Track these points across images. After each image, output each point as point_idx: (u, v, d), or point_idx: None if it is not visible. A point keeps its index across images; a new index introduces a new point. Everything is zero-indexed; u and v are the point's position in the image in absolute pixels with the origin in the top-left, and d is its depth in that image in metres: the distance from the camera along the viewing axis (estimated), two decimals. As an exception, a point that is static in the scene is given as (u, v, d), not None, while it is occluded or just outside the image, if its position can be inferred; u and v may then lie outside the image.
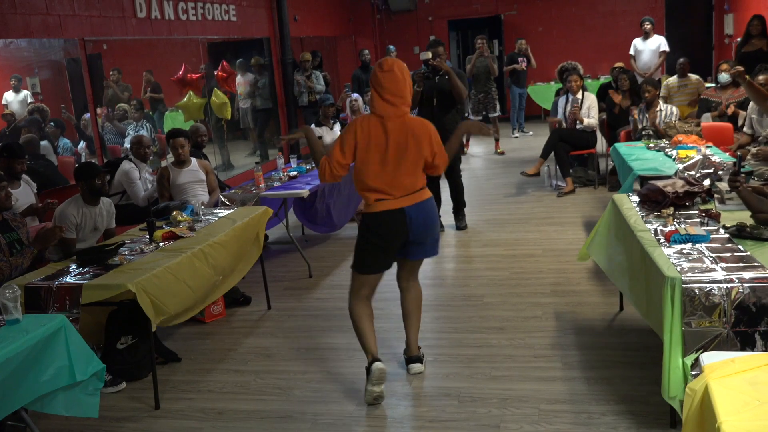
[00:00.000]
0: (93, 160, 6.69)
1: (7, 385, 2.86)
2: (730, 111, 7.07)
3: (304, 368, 4.13)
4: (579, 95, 7.99)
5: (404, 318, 3.91)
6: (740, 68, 5.03)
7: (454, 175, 6.77)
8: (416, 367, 3.88)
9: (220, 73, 9.35)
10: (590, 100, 8.02)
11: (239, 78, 10.05)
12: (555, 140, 7.93)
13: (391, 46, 12.02)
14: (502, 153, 10.81)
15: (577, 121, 7.92)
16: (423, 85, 6.28)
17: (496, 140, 11.03)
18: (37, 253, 4.15)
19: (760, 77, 5.94)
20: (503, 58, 12.64)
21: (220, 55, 9.90)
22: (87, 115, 7.10)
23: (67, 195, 4.87)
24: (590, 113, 7.96)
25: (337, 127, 8.16)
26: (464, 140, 10.57)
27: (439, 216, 6.75)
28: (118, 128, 7.67)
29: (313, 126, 8.15)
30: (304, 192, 5.75)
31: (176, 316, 3.90)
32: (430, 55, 6.25)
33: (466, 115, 10.25)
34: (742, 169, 3.80)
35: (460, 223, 6.87)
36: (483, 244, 6.33)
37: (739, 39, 8.66)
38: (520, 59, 11.68)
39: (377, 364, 3.55)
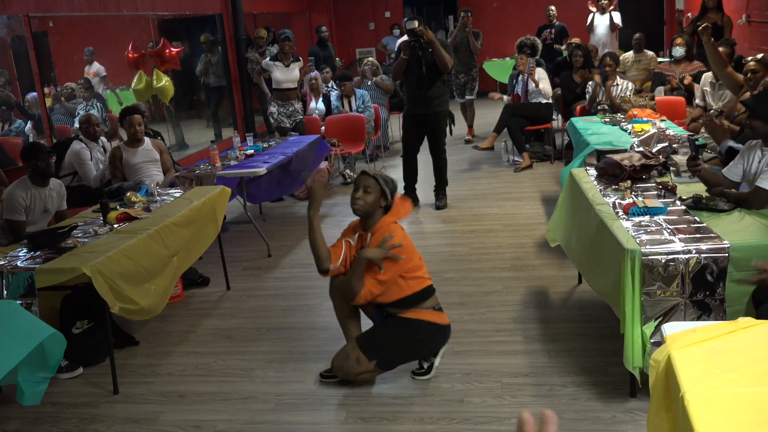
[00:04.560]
0: (42, 141, 6.48)
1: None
2: (687, 81, 7.13)
3: (265, 348, 4.09)
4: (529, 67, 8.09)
5: None
6: (708, 24, 4.99)
7: (439, 152, 6.62)
8: None
9: (166, 52, 8.91)
10: (539, 72, 8.10)
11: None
12: (507, 116, 7.98)
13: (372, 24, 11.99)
14: (471, 141, 9.78)
15: (530, 91, 7.97)
16: (409, 53, 6.22)
17: (470, 127, 10.00)
18: None
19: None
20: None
21: (171, 32, 9.65)
22: (32, 95, 6.87)
23: (15, 177, 4.72)
24: (541, 81, 8.03)
25: (295, 65, 7.89)
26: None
27: (415, 190, 6.75)
28: (66, 108, 7.44)
29: (266, 61, 7.97)
30: (261, 170, 5.67)
31: (144, 309, 3.79)
32: (416, 23, 6.06)
33: (455, 97, 9.64)
34: (696, 143, 3.85)
35: (440, 201, 6.68)
36: (442, 220, 6.33)
37: (690, 14, 8.76)
38: (546, 31, 10.34)
39: None
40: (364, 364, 3.42)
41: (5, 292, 3.50)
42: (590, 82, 7.41)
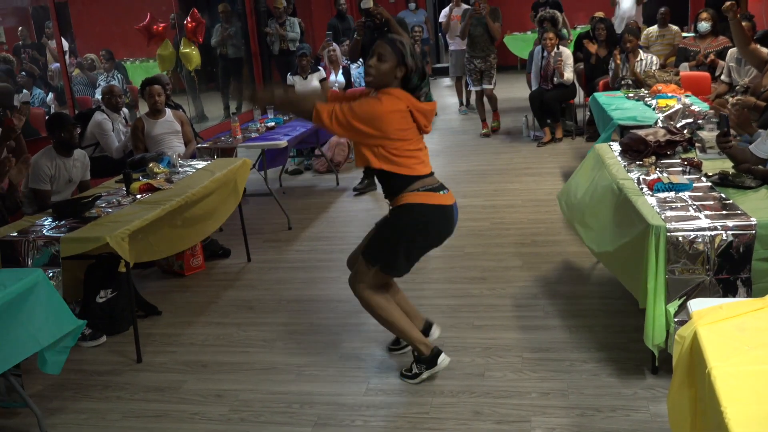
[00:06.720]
0: (64, 111, 6.52)
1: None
2: (709, 60, 7.05)
3: (286, 320, 4.11)
4: (554, 51, 7.92)
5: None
6: (733, 2, 4.89)
7: None
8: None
9: (189, 24, 8.98)
10: (566, 55, 7.95)
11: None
12: (538, 100, 7.87)
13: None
14: (493, 131, 8.87)
15: (554, 78, 7.84)
16: (364, 34, 6.29)
17: (483, 120, 8.87)
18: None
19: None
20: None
21: (191, 3, 9.63)
22: (54, 66, 6.89)
23: (38, 147, 4.75)
24: (567, 69, 7.89)
25: (315, 76, 8.04)
26: None
27: None
28: (89, 78, 7.46)
29: (288, 75, 8.07)
30: (283, 143, 5.68)
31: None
32: (371, 3, 6.12)
33: (467, 86, 9.32)
34: (727, 119, 3.78)
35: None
36: (463, 195, 6.29)
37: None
38: (541, 9, 9.35)
39: (443, 358, 3.29)
40: (369, 269, 3.19)
41: (30, 261, 3.54)
42: (611, 64, 7.33)
